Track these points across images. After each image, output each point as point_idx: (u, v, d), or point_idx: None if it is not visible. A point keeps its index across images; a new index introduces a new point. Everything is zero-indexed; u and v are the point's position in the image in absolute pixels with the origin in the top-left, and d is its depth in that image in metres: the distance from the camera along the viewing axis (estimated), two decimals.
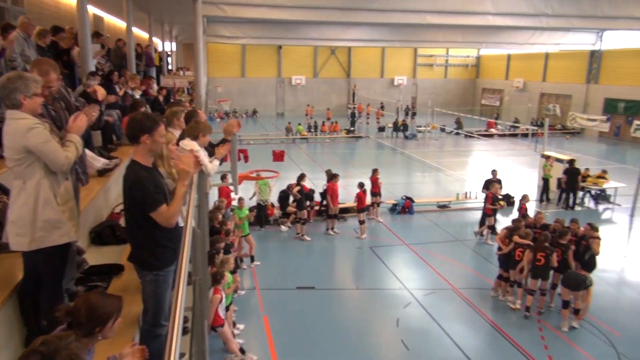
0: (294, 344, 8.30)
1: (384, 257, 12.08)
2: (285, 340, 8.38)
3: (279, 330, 8.66)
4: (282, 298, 9.94)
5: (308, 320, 9.05)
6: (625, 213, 16.01)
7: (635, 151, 27.49)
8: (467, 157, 26.65)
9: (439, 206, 16.34)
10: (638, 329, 8.98)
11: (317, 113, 40.44)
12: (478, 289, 10.39)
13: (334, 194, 13.59)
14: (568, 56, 37.71)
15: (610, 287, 10.70)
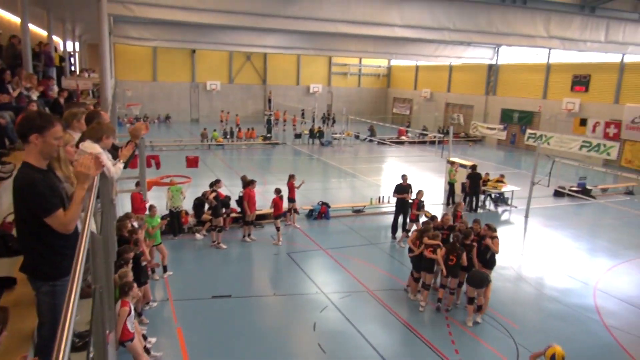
0: (209, 355, 8.05)
1: (300, 263, 12.11)
2: (200, 352, 8.10)
3: (194, 342, 8.35)
4: (197, 308, 9.61)
5: (224, 329, 8.83)
6: (521, 214, 17.40)
7: (529, 158, 29.99)
8: (381, 163, 27.59)
9: (354, 211, 16.72)
10: (534, 321, 9.75)
11: (232, 119, 39.93)
12: (391, 290, 10.74)
13: (250, 200, 13.42)
14: (469, 69, 40.47)
15: (509, 282, 11.54)
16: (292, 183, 14.87)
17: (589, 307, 10.37)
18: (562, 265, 12.79)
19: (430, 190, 20.16)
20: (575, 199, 19.74)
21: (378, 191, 18.93)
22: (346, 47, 31.89)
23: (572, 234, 15.52)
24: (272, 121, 35.40)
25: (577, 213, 18.56)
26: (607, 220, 17.44)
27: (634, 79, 28.19)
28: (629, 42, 20.60)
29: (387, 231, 14.74)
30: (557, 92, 32.57)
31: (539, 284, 11.61)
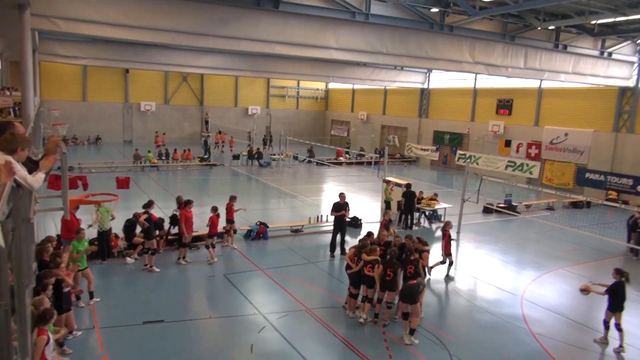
0: None
1: (238, 284, 11.83)
2: None
3: None
4: (127, 335, 9.09)
5: (156, 356, 8.39)
6: (453, 230, 17.97)
7: (459, 177, 31.29)
8: (319, 184, 27.77)
9: (293, 230, 16.65)
10: (467, 332, 10.03)
11: (169, 140, 38.96)
12: (330, 308, 10.70)
13: (187, 222, 13.01)
14: (403, 93, 42.01)
15: (443, 296, 11.85)
16: (232, 205, 14.61)
17: (517, 317, 10.82)
18: (492, 277, 13.32)
19: (367, 209, 20.55)
20: (502, 214, 20.76)
21: (317, 211, 18.99)
22: (284, 69, 32.15)
23: (500, 248, 16.24)
24: (209, 142, 34.80)
25: (504, 228, 19.49)
26: (532, 234, 18.43)
27: (551, 103, 30.40)
28: (545, 69, 22.22)
29: (325, 249, 14.76)
30: (484, 115, 34.45)
31: (471, 296, 12.00)
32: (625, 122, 26.53)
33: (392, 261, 9.85)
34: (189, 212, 13.05)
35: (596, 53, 23.83)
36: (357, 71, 35.00)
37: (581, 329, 10.40)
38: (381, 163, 31.37)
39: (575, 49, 22.75)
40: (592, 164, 27.75)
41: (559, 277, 13.56)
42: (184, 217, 12.94)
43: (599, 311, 10.24)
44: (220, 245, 14.62)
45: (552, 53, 22.13)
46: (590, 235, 16.83)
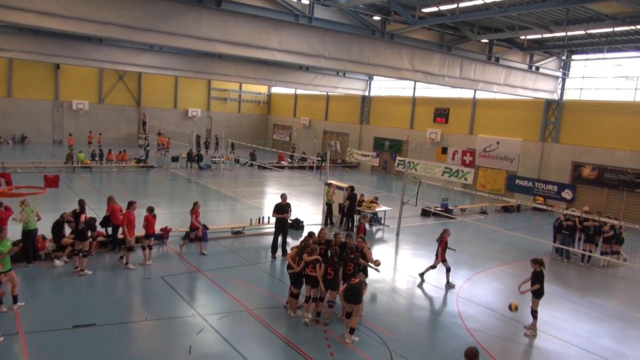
0: None
1: (176, 286, 11.47)
2: None
3: None
4: (55, 340, 8.56)
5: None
6: (393, 232, 18.45)
7: (399, 182, 32.12)
8: (261, 187, 27.57)
9: (234, 232, 16.40)
10: (405, 328, 10.27)
11: (104, 141, 37.34)
12: (271, 308, 10.61)
13: (130, 224, 12.44)
14: (345, 99, 42.67)
15: (383, 295, 12.08)
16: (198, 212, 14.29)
17: (453, 313, 11.21)
18: (430, 277, 13.71)
19: (309, 211, 20.62)
20: (440, 217, 21.51)
21: (258, 213, 18.81)
22: (226, 71, 31.70)
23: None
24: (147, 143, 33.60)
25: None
26: (467, 236, 19.21)
27: (484, 113, 31.96)
28: (479, 80, 23.36)
29: (267, 251, 14.64)
30: (422, 123, 35.64)
31: (409, 295, 12.31)
32: (551, 133, 28.34)
33: (333, 260, 9.90)
34: (131, 214, 12.51)
35: (525, 67, 25.32)
36: (299, 76, 35.17)
37: (511, 323, 10.92)
38: (323, 167, 31.63)
39: (506, 62, 24.06)
40: (521, 171, 29.40)
41: (491, 276, 14.21)
42: (127, 220, 12.38)
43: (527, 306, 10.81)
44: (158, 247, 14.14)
45: (485, 65, 23.29)
46: (520, 236, 17.80)
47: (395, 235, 18.15)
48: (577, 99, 27.59)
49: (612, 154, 25.50)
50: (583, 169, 26.61)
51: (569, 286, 14.02)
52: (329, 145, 41.86)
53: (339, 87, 38.15)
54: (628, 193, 24.88)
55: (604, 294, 13.70)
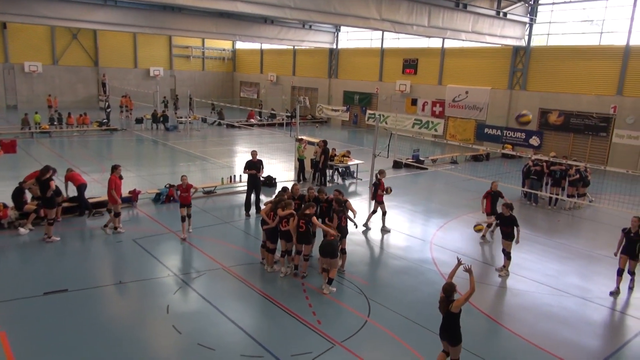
0: (45, 358, 7.08)
1: (149, 248, 11.35)
2: (33, 356, 7.09)
3: (24, 347, 7.28)
4: (26, 308, 8.39)
5: (62, 327, 7.85)
6: (366, 185, 18.54)
7: (369, 136, 32.14)
8: (231, 146, 27.18)
9: (205, 192, 16.21)
10: (382, 277, 10.50)
11: (62, 105, 35.88)
12: (248, 265, 10.64)
13: (117, 189, 12.04)
14: (312, 53, 41.85)
15: (358, 246, 12.25)
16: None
17: (428, 260, 11.50)
18: (403, 226, 13.99)
19: (281, 168, 20.51)
20: (411, 169, 21.77)
21: (230, 172, 18.59)
22: (187, 26, 30.42)
23: (409, 200, 17.05)
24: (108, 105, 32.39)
25: (413, 181, 20.45)
26: (438, 186, 19.54)
27: (453, 63, 31.90)
28: (447, 27, 23.13)
29: (240, 209, 14.57)
30: (391, 75, 35.41)
31: (385, 245, 12.55)
32: (519, 80, 28.61)
33: (304, 213, 9.87)
34: (117, 177, 12.11)
35: (493, 13, 25.16)
36: (264, 30, 34.12)
37: (484, 267, 11.30)
38: (293, 124, 31.33)
39: (474, 8, 23.83)
40: (490, 119, 29.78)
41: (463, 223, 14.55)
42: (114, 184, 11.95)
43: (497, 250, 11.16)
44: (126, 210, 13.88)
45: (453, 12, 23.02)
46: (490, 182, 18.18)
47: (368, 188, 18.24)
48: (544, 45, 27.77)
49: (578, 99, 26.00)
50: (550, 115, 27.12)
51: (537, 229, 14.51)
52: (298, 101, 41.39)
53: (306, 41, 37.30)
54: (593, 137, 25.60)
55: (571, 234, 14.25)
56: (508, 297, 9.92)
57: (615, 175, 21.29)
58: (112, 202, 12.05)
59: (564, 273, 11.16)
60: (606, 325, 9.02)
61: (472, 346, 7.68)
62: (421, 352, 7.48)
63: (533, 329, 8.54)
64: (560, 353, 7.76)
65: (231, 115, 37.78)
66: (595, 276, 11.02)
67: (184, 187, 12.06)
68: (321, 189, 11.42)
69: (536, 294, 10.02)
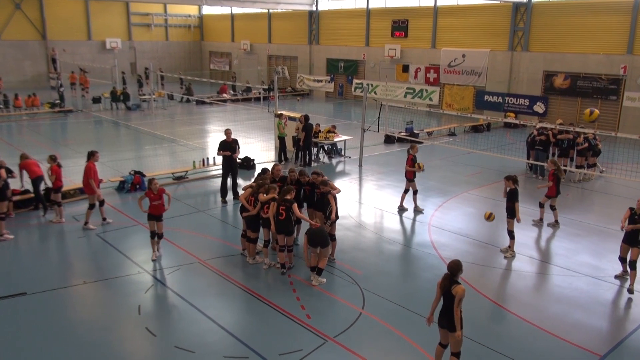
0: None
1: (115, 242, 11.29)
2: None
3: None
4: None
5: (22, 334, 7.79)
6: (355, 164, 18.64)
7: (357, 108, 32.12)
8: (202, 125, 26.96)
9: (175, 178, 16.11)
10: (376, 264, 10.57)
11: (8, 85, 35.15)
12: (227, 257, 10.65)
13: (96, 176, 12.03)
14: (290, 17, 41.42)
15: (349, 231, 12.31)
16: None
17: (426, 244, 11.61)
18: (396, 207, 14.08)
19: (259, 148, 20.46)
20: (405, 143, 21.80)
21: (202, 154, 18.49)
22: None
23: (404, 178, 17.00)
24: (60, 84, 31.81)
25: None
26: (435, 161, 19.64)
27: (447, 23, 31.83)
28: None
29: (216, 195, 14.54)
30: (379, 39, 35.23)
31: (378, 229, 12.63)
32: (520, 40, 28.68)
33: (284, 198, 9.81)
34: (94, 165, 12.08)
35: None
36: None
37: (487, 248, 11.45)
38: (271, 98, 31.13)
39: None
40: (490, 85, 29.92)
41: (464, 201, 14.70)
42: (93, 172, 11.89)
43: (502, 229, 11.30)
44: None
45: None
46: (492, 155, 18.39)
47: (357, 167, 18.34)
48: (547, 0, 27.80)
49: (585, 60, 26.19)
50: (555, 79, 27.31)
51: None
52: (275, 71, 40.80)
53: (282, 3, 36.89)
54: (602, 101, 25.88)
55: (581, 209, 14.49)
56: (514, 280, 10.09)
57: (628, 143, 21.61)
58: (90, 193, 12.04)
59: (575, 251, 11.37)
60: (621, 306, 9.24)
61: (476, 334, 7.83)
62: (421, 344, 7.60)
63: (542, 313, 8.72)
64: (572, 338, 7.94)
65: (201, 91, 37.40)
66: (608, 253, 11.24)
67: (155, 194, 10.36)
68: (302, 170, 11.33)
69: (544, 275, 10.21)
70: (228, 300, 8.98)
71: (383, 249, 11.42)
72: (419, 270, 10.33)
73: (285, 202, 9.70)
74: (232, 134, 14.19)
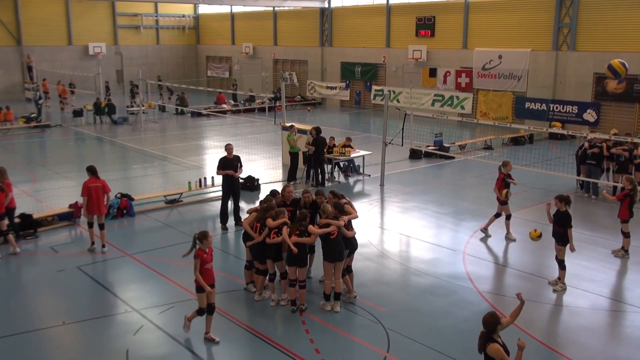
0: None
1: (99, 277, 11.35)
2: None
3: None
4: None
5: None
6: (376, 183, 18.63)
7: (377, 119, 32.20)
8: (198, 140, 27.23)
9: (168, 201, 16.22)
10: (402, 300, 10.50)
11: None
12: (229, 292, 10.64)
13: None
14: (298, 16, 41.98)
15: (371, 261, 12.26)
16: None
17: (460, 275, 11.51)
18: (427, 234, 14.00)
19: (265, 165, 20.55)
20: (433, 159, 21.84)
21: (199, 174, 18.63)
22: None
23: (433, 199, 17.08)
24: (40, 96, 32.46)
25: (436, 175, 20.50)
26: (469, 179, 19.59)
27: (480, 20, 31.99)
28: None
29: (215, 221, 14.60)
30: (402, 39, 35.47)
31: (404, 259, 12.56)
32: (566, 38, 28.72)
33: (299, 224, 9.73)
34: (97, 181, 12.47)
35: None
36: None
37: (533, 280, 11.32)
38: (277, 108, 31.44)
39: None
40: (532, 91, 29.89)
41: (504, 226, 14.57)
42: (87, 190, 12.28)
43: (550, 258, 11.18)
44: (69, 229, 13.89)
45: None
46: (536, 171, 18.31)
47: (379, 187, 18.33)
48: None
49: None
50: (608, 82, 27.20)
51: (599, 228, 14.55)
52: (282, 78, 41.46)
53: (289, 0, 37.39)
54: None
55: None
56: (567, 317, 9.94)
57: None
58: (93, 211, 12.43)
59: (637, 283, 11.19)
60: None
61: None
62: None
63: (601, 356, 8.56)
64: None
65: (197, 101, 37.78)
66: None
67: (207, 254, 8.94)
68: (320, 191, 11.30)
69: (602, 312, 10.05)
70: (230, 343, 8.95)
71: (410, 282, 11.33)
72: (452, 306, 10.21)
73: (300, 227, 9.67)
74: (234, 149, 14.27)
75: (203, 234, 8.79)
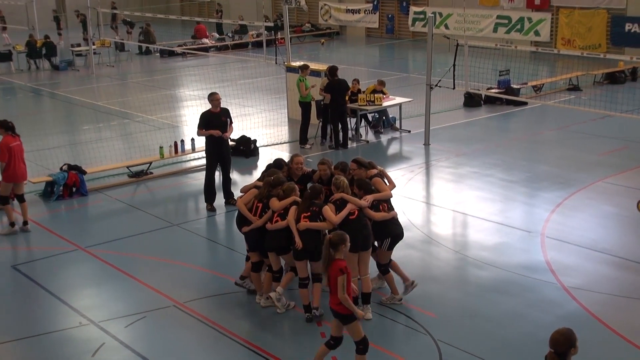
0: None
1: (42, 278, 11.47)
2: None
3: None
4: None
5: None
6: (419, 142, 18.55)
7: (418, 52, 31.99)
8: (171, 89, 27.24)
9: (133, 174, 16.31)
10: (456, 301, 10.50)
11: None
12: (219, 296, 10.71)
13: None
14: None
15: (414, 249, 12.26)
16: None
17: (539, 266, 11.49)
18: (490, 210, 13.95)
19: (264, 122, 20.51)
20: (497, 106, 21.70)
21: (174, 135, 18.71)
22: None
23: (499, 162, 17.00)
24: None
25: (502, 128, 20.41)
26: (548, 132, 19.47)
27: None
28: None
29: (197, 199, 14.70)
30: None
31: (459, 245, 12.58)
32: None
33: (309, 202, 9.70)
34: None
35: None
36: None
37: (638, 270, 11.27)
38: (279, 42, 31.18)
39: None
40: (634, 8, 29.38)
41: (597, 196, 14.53)
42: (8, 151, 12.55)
43: None
44: None
45: None
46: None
47: (422, 147, 18.25)
48: None
49: None
50: None
51: None
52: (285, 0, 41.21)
53: None
54: None
55: None
56: None
57: None
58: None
59: None
60: None
61: None
62: None
63: None
64: None
65: (168, 35, 37.68)
66: None
67: None
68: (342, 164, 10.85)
69: None
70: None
71: (468, 277, 11.36)
72: (528, 309, 10.19)
73: (312, 207, 9.63)
74: (221, 101, 14.24)
75: (340, 237, 8.06)
